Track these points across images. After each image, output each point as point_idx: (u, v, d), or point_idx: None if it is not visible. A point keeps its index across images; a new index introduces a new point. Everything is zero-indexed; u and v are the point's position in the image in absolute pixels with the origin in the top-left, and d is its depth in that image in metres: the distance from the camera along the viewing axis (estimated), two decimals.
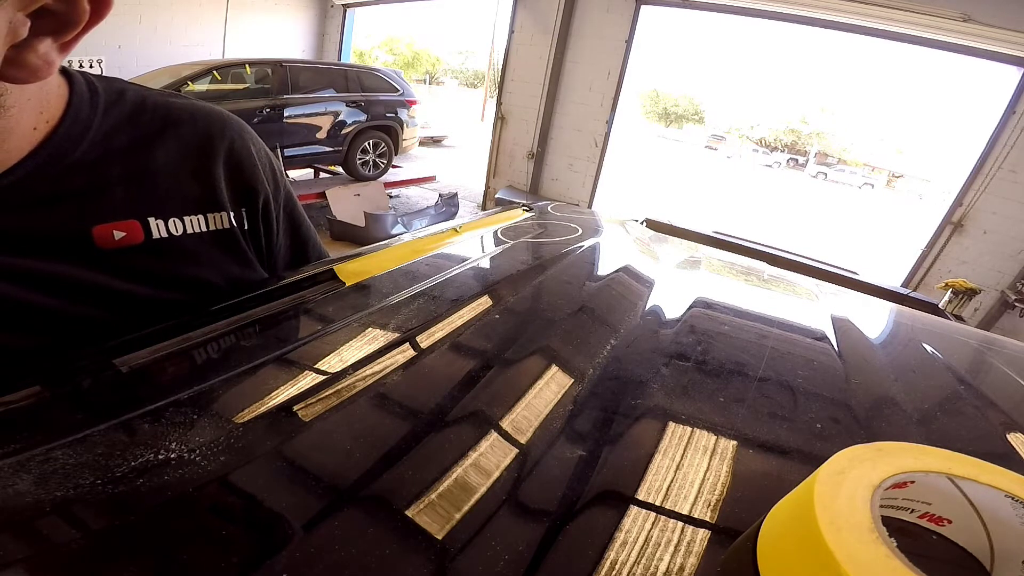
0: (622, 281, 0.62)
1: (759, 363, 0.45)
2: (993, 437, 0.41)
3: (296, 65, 4.92)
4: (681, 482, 0.29)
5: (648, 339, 0.47)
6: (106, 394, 0.31)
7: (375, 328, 0.41)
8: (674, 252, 0.91)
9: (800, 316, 0.66)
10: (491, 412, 0.33)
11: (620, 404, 0.36)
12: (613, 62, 5.39)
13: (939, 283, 3.91)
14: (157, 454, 0.25)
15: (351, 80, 5.27)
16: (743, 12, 5.17)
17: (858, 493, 0.19)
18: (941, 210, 4.75)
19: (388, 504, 0.25)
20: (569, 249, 0.69)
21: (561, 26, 5.41)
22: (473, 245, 0.70)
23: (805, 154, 33.44)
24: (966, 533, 0.23)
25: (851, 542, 0.17)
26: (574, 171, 5.73)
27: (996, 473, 0.21)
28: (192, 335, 0.37)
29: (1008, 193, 4.27)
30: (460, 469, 0.27)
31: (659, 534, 0.25)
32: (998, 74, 4.61)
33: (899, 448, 0.22)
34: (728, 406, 0.37)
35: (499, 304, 0.50)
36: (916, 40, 4.59)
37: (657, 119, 36.55)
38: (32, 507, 0.22)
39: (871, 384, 0.46)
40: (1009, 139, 4.18)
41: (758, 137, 35.55)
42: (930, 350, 0.59)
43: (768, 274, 0.87)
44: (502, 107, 5.97)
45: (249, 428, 0.28)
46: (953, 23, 4.17)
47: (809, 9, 4.68)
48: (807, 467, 0.26)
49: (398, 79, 5.77)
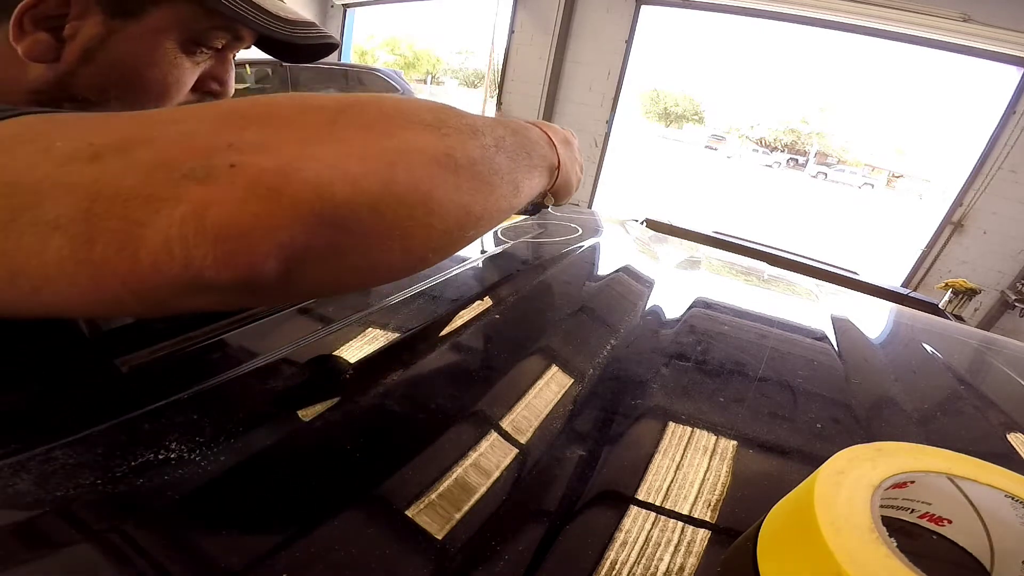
0: (622, 281, 0.62)
1: (759, 363, 0.45)
2: (993, 437, 0.41)
3: (296, 65, 4.92)
4: (681, 482, 0.29)
5: (648, 339, 0.47)
6: (105, 394, 0.31)
7: (374, 328, 0.41)
8: (674, 252, 0.91)
9: (800, 316, 0.66)
10: (491, 412, 0.33)
11: (620, 404, 0.36)
12: (613, 62, 5.39)
13: (939, 283, 3.91)
14: (157, 454, 0.25)
15: (351, 80, 5.28)
16: (743, 12, 5.18)
17: (858, 493, 0.19)
18: (941, 210, 4.75)
19: (388, 504, 0.25)
20: (569, 249, 0.69)
21: (561, 26, 5.41)
22: (473, 245, 0.70)
23: (805, 154, 33.45)
24: (966, 533, 0.23)
25: (851, 542, 0.17)
26: None
27: (996, 473, 0.21)
28: (193, 335, 0.37)
29: (1008, 193, 4.27)
30: (460, 469, 0.27)
31: (659, 534, 0.25)
32: (998, 74, 4.61)
33: (899, 448, 0.22)
34: (728, 406, 0.37)
35: (499, 304, 0.50)
36: (916, 40, 4.59)
37: (657, 119, 36.56)
38: (32, 507, 0.22)
39: (871, 384, 0.46)
40: (1009, 139, 4.19)
41: (758, 137, 35.56)
42: (930, 350, 0.59)
43: (768, 274, 0.87)
44: (502, 107, 5.97)
45: (249, 428, 0.28)
46: (953, 23, 4.17)
47: (809, 9, 4.68)
48: (807, 467, 0.26)
49: (398, 79, 5.78)
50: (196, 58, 0.44)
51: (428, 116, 0.27)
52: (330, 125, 0.24)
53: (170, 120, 0.23)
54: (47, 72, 0.39)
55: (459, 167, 0.27)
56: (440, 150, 0.26)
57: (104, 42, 0.39)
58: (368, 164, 0.23)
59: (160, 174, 0.21)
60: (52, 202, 0.21)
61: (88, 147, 0.22)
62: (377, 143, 0.24)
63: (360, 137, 0.24)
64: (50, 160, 0.21)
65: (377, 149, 0.24)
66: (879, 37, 4.69)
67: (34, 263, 0.21)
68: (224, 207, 0.20)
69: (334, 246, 0.23)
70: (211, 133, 0.22)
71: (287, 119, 0.24)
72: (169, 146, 0.22)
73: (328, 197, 0.22)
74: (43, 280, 0.21)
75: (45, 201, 0.21)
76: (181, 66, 0.43)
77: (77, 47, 0.38)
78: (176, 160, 0.21)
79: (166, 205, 0.20)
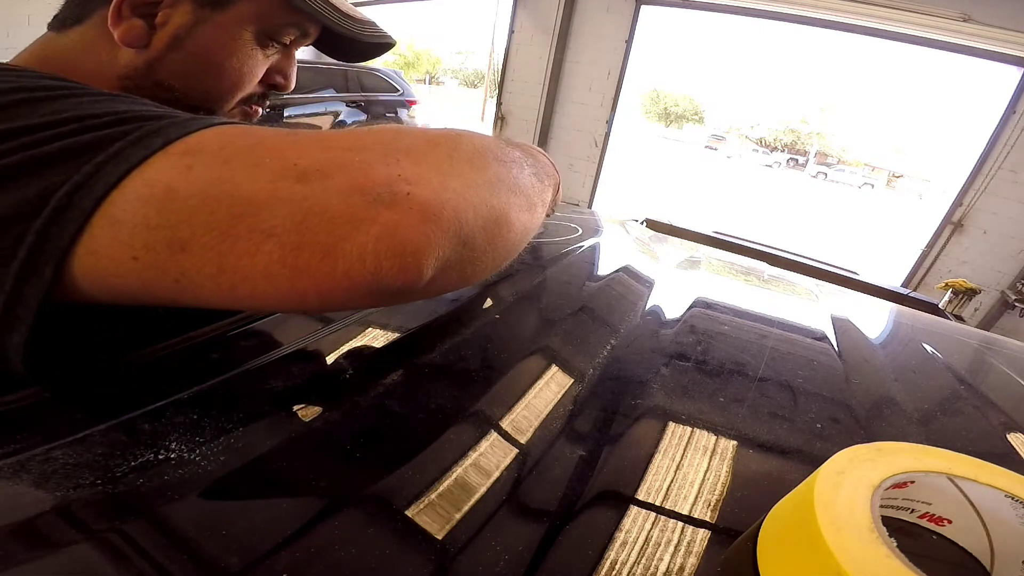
0: (622, 281, 0.62)
1: (759, 363, 0.45)
2: (993, 437, 0.41)
3: (296, 65, 4.92)
4: (681, 482, 0.29)
5: (648, 339, 0.47)
6: (104, 393, 0.31)
7: (374, 328, 0.41)
8: (674, 252, 0.91)
9: (800, 316, 0.66)
10: (491, 412, 0.33)
11: (620, 404, 0.36)
12: (613, 62, 5.39)
13: (939, 283, 3.91)
14: (157, 454, 0.25)
15: (351, 80, 5.27)
16: (743, 12, 5.18)
17: (858, 493, 0.19)
18: (941, 210, 4.75)
19: (388, 504, 0.25)
20: (569, 249, 0.69)
21: (561, 26, 5.41)
22: None
23: (805, 154, 33.46)
24: (966, 533, 0.23)
25: (851, 542, 0.17)
26: (574, 171, 5.73)
27: (996, 473, 0.21)
28: (193, 335, 0.37)
29: (1008, 193, 4.27)
30: (460, 469, 0.27)
31: (659, 534, 0.25)
32: (998, 74, 4.61)
33: (899, 448, 0.22)
34: (728, 406, 0.37)
35: (499, 304, 0.50)
36: (916, 40, 4.59)
37: (657, 119, 36.57)
38: (32, 507, 0.22)
39: (871, 384, 0.46)
40: (1009, 139, 4.19)
41: (758, 137, 35.58)
42: (930, 350, 0.59)
43: (768, 274, 0.87)
44: (502, 107, 5.97)
45: (249, 428, 0.28)
46: (953, 23, 4.17)
47: (809, 9, 4.68)
48: (807, 467, 0.26)
49: (398, 79, 5.78)
50: (267, 51, 0.47)
51: (498, 152, 0.34)
52: (449, 160, 0.29)
53: (348, 147, 0.27)
54: (136, 58, 0.41)
55: (521, 192, 0.34)
56: (511, 180, 0.33)
57: (192, 30, 0.42)
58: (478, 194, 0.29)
59: (357, 198, 0.25)
60: (269, 213, 0.24)
61: (294, 168, 0.25)
62: (480, 176, 0.30)
63: (469, 171, 0.29)
64: (263, 176, 0.25)
65: (481, 180, 0.30)
66: (879, 37, 4.69)
67: (244, 263, 0.24)
68: (408, 227, 0.25)
69: (462, 257, 0.28)
70: (383, 164, 0.26)
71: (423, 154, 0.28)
72: (357, 173, 0.25)
73: (464, 221, 0.27)
74: (244, 278, 0.25)
75: (262, 212, 0.24)
76: (255, 58, 0.46)
77: (167, 34, 0.41)
78: (366, 187, 0.25)
79: (363, 224, 0.24)
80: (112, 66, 0.41)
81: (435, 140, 0.30)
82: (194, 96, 0.44)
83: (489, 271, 0.33)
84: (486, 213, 0.29)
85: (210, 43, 0.42)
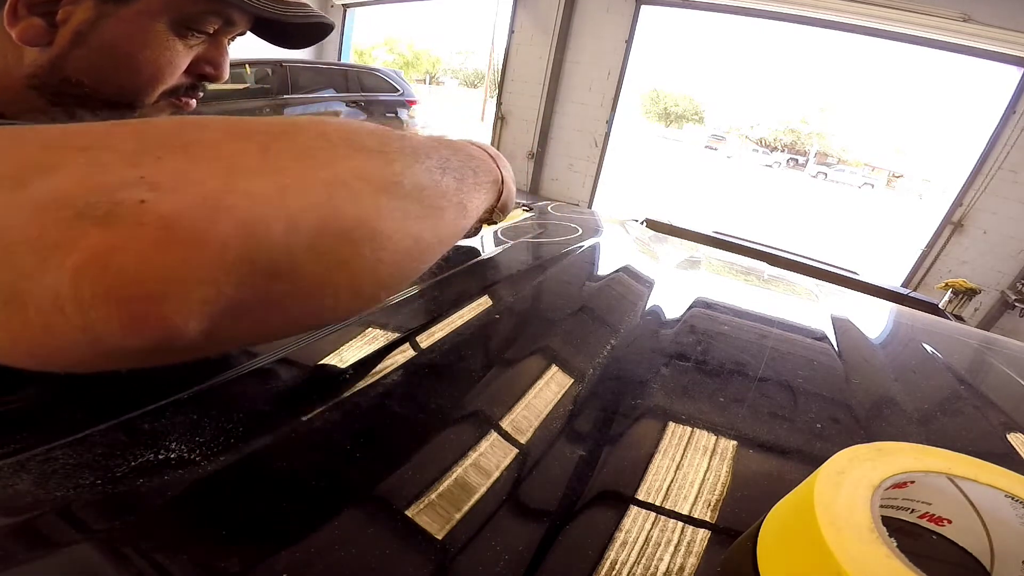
0: (622, 281, 0.62)
1: (759, 363, 0.45)
2: (993, 437, 0.41)
3: (296, 65, 4.93)
4: (681, 482, 0.29)
5: (648, 339, 0.47)
6: (104, 393, 0.31)
7: (374, 328, 0.41)
8: (674, 252, 0.91)
9: (800, 316, 0.66)
10: (491, 412, 0.33)
11: (620, 404, 0.36)
12: (613, 62, 5.39)
13: (939, 283, 3.91)
14: (157, 454, 0.25)
15: (351, 80, 5.28)
16: (743, 12, 5.18)
17: (858, 493, 0.19)
18: (941, 210, 4.75)
19: (388, 504, 0.25)
20: (569, 249, 0.69)
21: (561, 26, 5.41)
22: (473, 244, 0.70)
23: (805, 154, 33.46)
24: (966, 533, 0.23)
25: (851, 542, 0.17)
26: (574, 171, 5.73)
27: (996, 473, 0.21)
28: None
29: (1008, 193, 4.27)
30: (460, 469, 0.27)
31: (659, 534, 0.25)
32: (998, 74, 4.61)
33: (899, 448, 0.22)
34: (728, 406, 0.37)
35: (499, 304, 0.50)
36: (916, 40, 4.59)
37: (657, 119, 36.57)
38: (32, 507, 0.22)
39: (871, 384, 0.46)
40: (1009, 139, 4.19)
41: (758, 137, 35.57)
42: (930, 350, 0.59)
43: (768, 274, 0.87)
44: (502, 107, 5.97)
45: (249, 428, 0.28)
46: (953, 23, 4.18)
47: (809, 9, 4.68)
48: (807, 467, 0.26)
49: (398, 79, 5.77)
50: (189, 41, 0.44)
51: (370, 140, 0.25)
52: (262, 154, 0.21)
53: (82, 144, 0.19)
54: (40, 56, 0.40)
55: (407, 194, 0.25)
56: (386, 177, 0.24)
57: (95, 25, 0.40)
58: (307, 198, 0.20)
59: (52, 214, 0.16)
60: None
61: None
62: (316, 173, 0.22)
63: (297, 167, 0.21)
64: None
65: (316, 180, 0.21)
66: (879, 37, 4.69)
67: None
68: (129, 255, 0.16)
69: (269, 295, 0.20)
70: (123, 164, 0.18)
71: (212, 146, 0.20)
72: (68, 179, 0.17)
73: (261, 239, 0.19)
74: None
75: None
76: (173, 48, 0.43)
77: (69, 30, 0.39)
78: (73, 195, 0.17)
79: (55, 253, 0.16)
80: (18, 66, 0.40)
81: (252, 129, 0.22)
82: (107, 91, 0.43)
83: (348, 307, 0.25)
84: (321, 226, 0.21)
85: (117, 37, 0.41)
